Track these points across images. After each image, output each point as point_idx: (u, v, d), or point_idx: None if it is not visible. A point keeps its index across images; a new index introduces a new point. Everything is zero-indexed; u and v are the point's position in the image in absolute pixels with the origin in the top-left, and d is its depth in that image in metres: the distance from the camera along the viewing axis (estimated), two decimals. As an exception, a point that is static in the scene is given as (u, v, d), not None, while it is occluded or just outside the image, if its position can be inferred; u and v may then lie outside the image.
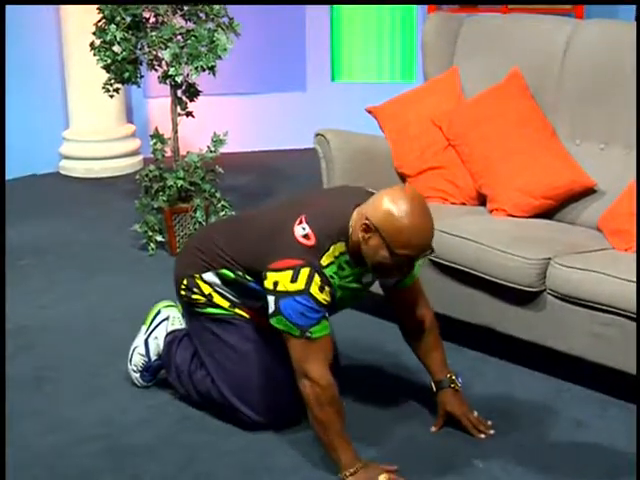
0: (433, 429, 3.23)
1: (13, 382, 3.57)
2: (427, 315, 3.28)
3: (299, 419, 3.23)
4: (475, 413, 3.24)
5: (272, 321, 2.95)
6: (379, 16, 7.60)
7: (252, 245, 3.08)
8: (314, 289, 2.88)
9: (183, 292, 3.30)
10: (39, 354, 3.84)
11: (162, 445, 3.16)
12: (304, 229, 2.95)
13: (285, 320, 2.91)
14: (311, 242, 2.93)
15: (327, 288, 2.92)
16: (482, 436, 3.19)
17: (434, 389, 3.28)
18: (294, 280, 2.88)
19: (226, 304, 3.23)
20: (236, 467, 3.04)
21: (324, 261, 2.94)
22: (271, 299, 2.93)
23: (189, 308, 3.32)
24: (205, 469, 3.03)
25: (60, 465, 3.05)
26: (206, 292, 3.24)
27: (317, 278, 2.89)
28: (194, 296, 3.26)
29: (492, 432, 3.21)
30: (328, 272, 2.95)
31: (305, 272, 2.88)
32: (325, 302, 2.92)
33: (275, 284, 2.91)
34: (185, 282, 3.28)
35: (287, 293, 2.89)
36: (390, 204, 2.83)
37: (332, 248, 2.95)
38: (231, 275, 3.17)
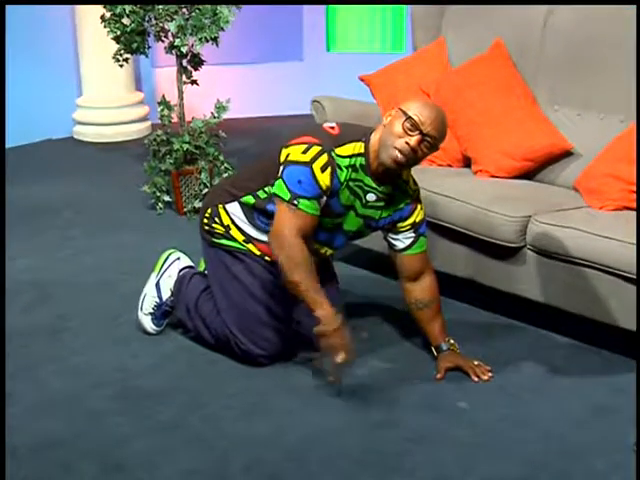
0: (438, 376, 3.23)
1: (33, 330, 3.59)
2: (432, 285, 3.30)
3: (294, 353, 3.30)
4: (475, 362, 3.26)
5: (274, 187, 3.02)
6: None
7: (275, 149, 3.11)
8: (317, 165, 2.96)
9: (206, 220, 3.31)
10: (55, 305, 3.84)
11: (170, 389, 3.17)
12: (332, 124, 3.12)
13: (282, 183, 2.98)
14: (334, 132, 3.06)
15: (329, 170, 2.97)
16: (485, 378, 3.21)
17: (435, 353, 3.31)
18: (304, 152, 2.98)
19: (241, 238, 3.24)
20: (239, 409, 3.05)
21: (340, 151, 3.02)
22: (280, 169, 3.01)
23: (208, 238, 3.32)
24: (210, 411, 3.04)
25: (76, 407, 3.06)
26: (225, 223, 3.25)
27: (324, 157, 2.97)
28: (214, 225, 3.28)
29: (491, 375, 3.22)
30: (342, 163, 3.01)
31: (315, 149, 2.97)
32: (322, 183, 2.97)
33: (287, 155, 3.00)
34: (209, 211, 3.31)
35: (294, 162, 2.98)
36: (415, 98, 3.11)
37: (353, 144, 3.04)
38: (251, 200, 3.18)
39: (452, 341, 3.31)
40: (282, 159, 3.02)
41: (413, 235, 3.23)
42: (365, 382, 3.21)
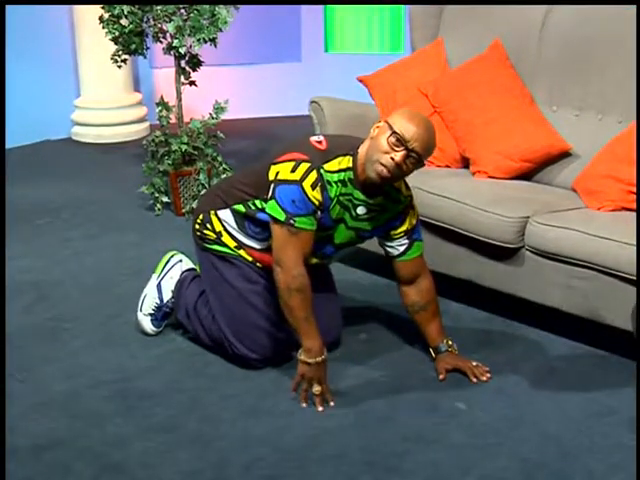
0: (440, 377, 3.23)
1: (32, 331, 3.59)
2: (429, 288, 3.29)
3: (290, 357, 3.27)
4: (474, 363, 3.26)
5: (267, 207, 3.01)
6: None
7: (267, 160, 3.11)
8: (307, 183, 2.95)
9: (197, 226, 3.32)
10: (54, 306, 3.84)
11: (169, 390, 3.17)
12: (319, 138, 3.09)
13: (276, 204, 2.97)
14: (322, 147, 3.03)
15: (319, 188, 2.97)
16: (483, 379, 3.21)
17: (433, 354, 3.31)
18: (293, 171, 2.96)
19: (232, 244, 3.24)
20: (237, 410, 3.05)
21: (329, 167, 3.00)
22: (271, 187, 2.99)
23: (200, 243, 3.33)
24: (209, 412, 3.04)
25: (75, 407, 3.06)
26: (217, 229, 3.26)
27: (313, 174, 2.96)
28: (206, 231, 3.28)
29: (489, 376, 3.23)
30: (331, 178, 3.00)
31: (304, 166, 2.96)
32: (314, 200, 2.96)
33: (277, 174, 2.99)
34: (201, 217, 3.31)
35: (284, 181, 2.96)
36: (403, 109, 3.11)
37: (340, 159, 3.02)
38: (242, 209, 3.18)
39: (450, 342, 3.31)
40: (271, 177, 3.00)
41: (407, 241, 3.22)
42: (364, 383, 3.21)
